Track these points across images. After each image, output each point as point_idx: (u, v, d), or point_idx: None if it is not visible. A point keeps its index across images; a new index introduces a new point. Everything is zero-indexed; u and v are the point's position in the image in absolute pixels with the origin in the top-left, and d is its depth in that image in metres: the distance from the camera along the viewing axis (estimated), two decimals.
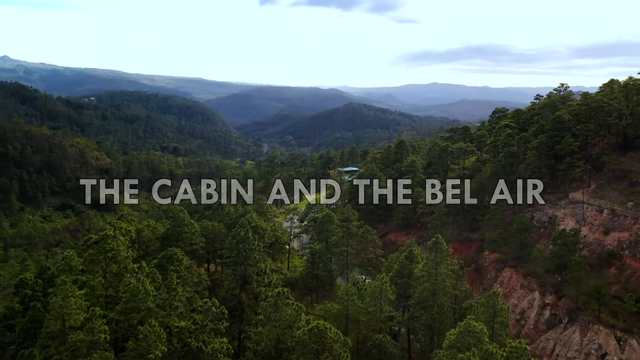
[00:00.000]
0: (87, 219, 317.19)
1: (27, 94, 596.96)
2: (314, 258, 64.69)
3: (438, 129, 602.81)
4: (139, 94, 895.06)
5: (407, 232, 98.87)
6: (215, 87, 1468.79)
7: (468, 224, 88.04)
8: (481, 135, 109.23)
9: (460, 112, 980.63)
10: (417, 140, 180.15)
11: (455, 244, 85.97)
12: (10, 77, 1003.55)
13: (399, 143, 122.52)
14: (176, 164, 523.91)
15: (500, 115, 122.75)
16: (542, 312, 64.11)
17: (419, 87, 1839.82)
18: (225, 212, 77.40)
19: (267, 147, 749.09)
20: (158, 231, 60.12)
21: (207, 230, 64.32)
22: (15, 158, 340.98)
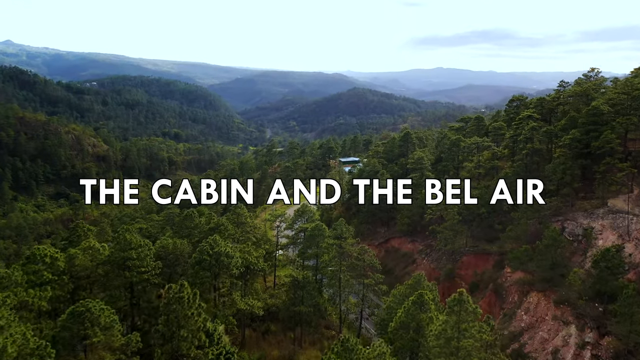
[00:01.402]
0: (80, 209, 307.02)
1: (26, 78, 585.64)
2: (296, 290, 52.28)
3: (444, 114, 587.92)
4: (141, 79, 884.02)
5: (413, 238, 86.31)
6: (219, 72, 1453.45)
7: (484, 232, 75.38)
8: (498, 128, 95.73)
9: (466, 97, 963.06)
10: (423, 131, 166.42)
11: (469, 257, 73.45)
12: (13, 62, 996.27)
13: (404, 135, 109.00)
14: (175, 151, 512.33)
15: (518, 103, 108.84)
16: (581, 353, 51.68)
17: (424, 71, 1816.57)
18: (194, 225, 64.96)
19: (270, 133, 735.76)
20: (100, 256, 47.63)
21: (166, 251, 52.16)
22: (8, 145, 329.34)
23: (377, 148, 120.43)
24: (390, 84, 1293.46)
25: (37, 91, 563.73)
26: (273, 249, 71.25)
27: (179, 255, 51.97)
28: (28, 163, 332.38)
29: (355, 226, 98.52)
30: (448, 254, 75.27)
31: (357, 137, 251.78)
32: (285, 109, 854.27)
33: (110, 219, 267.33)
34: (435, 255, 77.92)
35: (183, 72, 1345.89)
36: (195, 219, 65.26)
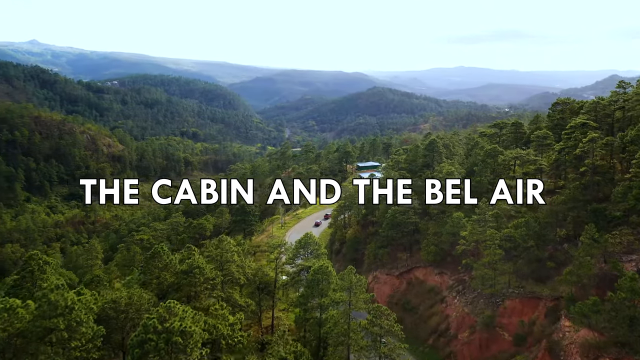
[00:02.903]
0: (92, 211, 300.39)
1: (47, 77, 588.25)
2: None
3: (466, 114, 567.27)
4: (161, 78, 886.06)
5: (441, 270, 72.04)
6: (239, 71, 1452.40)
7: (532, 269, 60.87)
8: (543, 137, 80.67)
9: (488, 96, 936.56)
10: (450, 135, 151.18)
11: (514, 302, 58.99)
12: (38, 61, 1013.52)
13: (429, 143, 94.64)
14: (192, 151, 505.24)
15: (563, 107, 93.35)
16: None
17: (445, 70, 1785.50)
18: (163, 265, 51.51)
19: (288, 133, 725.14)
20: (17, 323, 34.50)
21: (117, 308, 39.42)
22: (22, 145, 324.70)
23: (398, 157, 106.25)
24: (411, 82, 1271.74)
25: (57, 90, 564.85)
26: (271, 286, 58.30)
27: (133, 315, 39.30)
28: (42, 163, 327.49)
29: (372, 250, 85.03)
30: (486, 296, 61.01)
31: (376, 139, 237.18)
32: (304, 108, 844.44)
33: (119, 223, 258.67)
34: (469, 295, 63.76)
35: (204, 70, 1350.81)
36: (165, 257, 52.10)
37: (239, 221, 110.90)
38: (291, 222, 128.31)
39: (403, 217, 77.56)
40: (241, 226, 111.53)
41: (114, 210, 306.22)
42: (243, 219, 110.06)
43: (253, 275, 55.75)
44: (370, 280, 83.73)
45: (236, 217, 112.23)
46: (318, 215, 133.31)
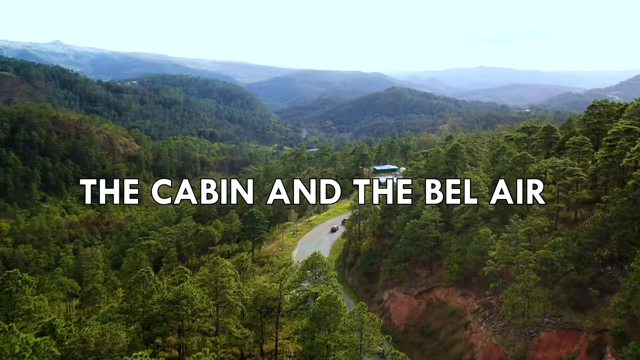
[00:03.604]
0: (106, 211, 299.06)
1: (67, 77, 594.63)
2: None
3: (486, 115, 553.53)
4: (180, 78, 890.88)
5: (465, 291, 64.64)
6: (258, 71, 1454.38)
7: (571, 296, 53.31)
8: (580, 144, 72.66)
9: (509, 96, 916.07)
10: (473, 139, 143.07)
11: (550, 333, 51.53)
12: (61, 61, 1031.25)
13: (452, 148, 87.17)
14: (208, 151, 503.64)
15: (602, 110, 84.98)
16: None
17: (465, 70, 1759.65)
18: (149, 291, 45.02)
19: (306, 133, 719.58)
20: None
21: (85, 349, 33.23)
22: (40, 144, 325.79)
23: (418, 162, 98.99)
24: (430, 83, 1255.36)
25: (77, 90, 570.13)
26: (274, 311, 52.01)
27: (105, 357, 33.35)
28: (58, 163, 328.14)
29: (388, 265, 78.14)
30: (518, 326, 53.60)
31: (394, 141, 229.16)
32: (321, 108, 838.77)
33: (130, 225, 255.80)
34: (498, 323, 56.36)
35: (222, 70, 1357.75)
36: (152, 282, 45.87)
37: (248, 229, 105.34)
38: (303, 229, 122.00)
39: (423, 231, 70.53)
40: (250, 234, 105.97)
41: (128, 211, 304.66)
42: (252, 227, 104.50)
43: (253, 300, 49.62)
44: (385, 298, 76.86)
45: (245, 225, 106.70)
46: (333, 221, 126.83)
